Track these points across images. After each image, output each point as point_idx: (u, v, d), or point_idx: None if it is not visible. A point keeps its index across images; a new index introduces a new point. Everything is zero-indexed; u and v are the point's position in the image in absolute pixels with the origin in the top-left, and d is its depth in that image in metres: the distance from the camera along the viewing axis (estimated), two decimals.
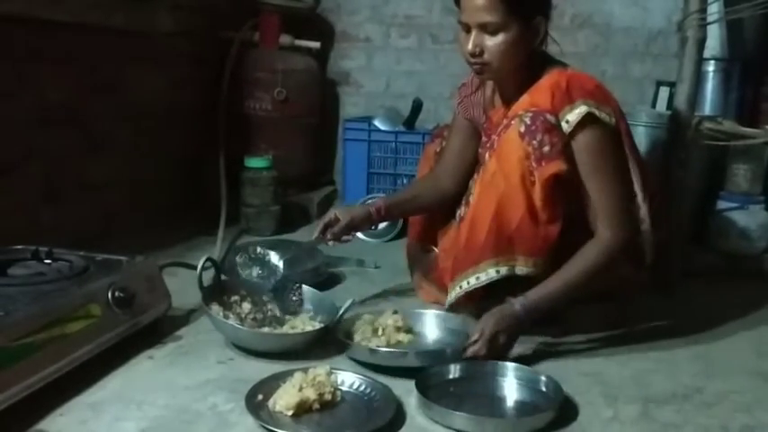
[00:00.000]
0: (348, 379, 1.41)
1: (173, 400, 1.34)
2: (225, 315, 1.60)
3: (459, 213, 1.86)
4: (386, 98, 3.27)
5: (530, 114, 1.57)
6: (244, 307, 1.67)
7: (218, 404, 1.34)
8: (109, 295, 1.47)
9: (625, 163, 1.67)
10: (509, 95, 1.74)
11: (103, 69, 2.28)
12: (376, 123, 2.94)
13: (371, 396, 1.37)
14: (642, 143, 2.36)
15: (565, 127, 1.57)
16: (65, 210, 2.12)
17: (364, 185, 2.92)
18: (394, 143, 2.90)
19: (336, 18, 3.27)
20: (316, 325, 1.63)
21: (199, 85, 2.85)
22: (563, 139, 1.57)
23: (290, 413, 1.28)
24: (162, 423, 1.27)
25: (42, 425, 1.23)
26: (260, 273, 1.72)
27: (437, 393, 1.38)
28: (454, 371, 1.48)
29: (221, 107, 2.85)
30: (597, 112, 1.57)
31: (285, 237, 2.53)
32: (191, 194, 2.81)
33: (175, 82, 2.70)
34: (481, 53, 1.62)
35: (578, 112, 1.56)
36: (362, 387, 1.40)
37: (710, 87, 2.79)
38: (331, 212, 1.87)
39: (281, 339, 1.58)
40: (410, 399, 1.37)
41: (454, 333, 1.67)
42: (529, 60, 1.67)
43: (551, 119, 1.57)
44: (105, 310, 1.45)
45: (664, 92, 2.92)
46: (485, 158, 1.72)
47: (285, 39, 2.96)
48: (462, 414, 1.30)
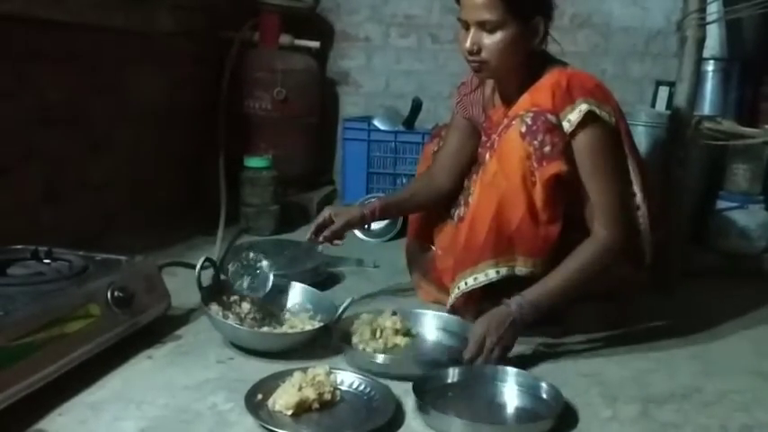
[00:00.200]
0: (347, 378, 1.41)
1: (172, 400, 1.34)
2: (224, 315, 1.60)
3: (457, 213, 1.86)
4: (385, 98, 3.27)
5: (531, 114, 1.57)
6: (243, 306, 1.67)
7: (217, 404, 1.34)
8: (108, 295, 1.47)
9: (624, 163, 1.67)
10: (509, 94, 1.74)
11: (103, 69, 2.27)
12: (375, 123, 2.94)
13: (371, 396, 1.37)
14: (642, 143, 2.36)
15: (566, 126, 1.57)
16: (64, 209, 2.12)
17: (364, 185, 2.91)
18: (393, 143, 2.90)
19: (336, 18, 3.27)
20: (315, 324, 1.63)
21: (199, 85, 2.85)
22: (564, 139, 1.57)
23: (290, 413, 1.28)
24: (161, 423, 1.27)
25: (42, 424, 1.23)
26: (251, 284, 1.69)
27: (435, 398, 1.36)
28: (453, 375, 1.45)
29: (221, 107, 2.86)
30: (598, 111, 1.57)
31: (285, 236, 2.53)
32: (190, 194, 2.80)
33: (175, 82, 2.70)
34: (479, 51, 1.62)
35: (580, 111, 1.56)
36: (362, 387, 1.40)
37: (710, 87, 2.79)
38: (324, 213, 1.85)
39: (281, 339, 1.58)
40: (409, 398, 1.36)
41: (453, 336, 1.67)
42: (529, 60, 1.67)
43: (552, 119, 1.56)
44: (105, 310, 1.45)
45: (663, 91, 2.92)
46: (485, 158, 1.71)
47: (285, 38, 2.96)
48: (460, 420, 1.27)
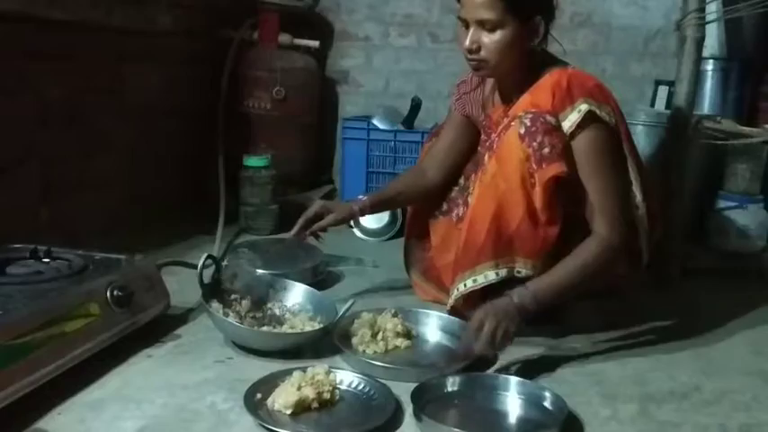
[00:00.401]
0: (347, 378, 1.41)
1: (171, 399, 1.34)
2: (224, 313, 1.61)
3: (457, 213, 1.86)
4: (385, 97, 3.26)
5: (529, 116, 1.57)
6: (243, 305, 1.68)
7: (216, 403, 1.34)
8: (108, 294, 1.47)
9: (624, 163, 1.67)
10: (509, 94, 1.73)
11: (103, 68, 2.27)
12: (375, 122, 2.94)
13: (370, 395, 1.37)
14: (641, 142, 2.36)
15: (567, 126, 1.56)
16: (63, 208, 2.11)
17: (363, 184, 2.91)
18: (393, 142, 2.90)
19: (335, 17, 3.26)
20: (315, 325, 1.63)
21: (198, 84, 2.84)
22: (563, 140, 1.56)
23: (289, 412, 1.28)
24: (161, 422, 1.26)
25: (41, 424, 1.23)
26: (235, 296, 1.70)
27: (435, 408, 1.33)
28: (453, 383, 1.41)
29: (220, 106, 2.85)
30: (598, 111, 1.57)
31: (284, 236, 2.52)
32: (190, 193, 2.80)
33: (174, 81, 2.69)
34: (478, 50, 1.62)
35: (579, 112, 1.56)
36: (361, 386, 1.40)
37: (709, 86, 2.80)
38: (314, 208, 1.83)
39: (281, 338, 1.58)
40: (409, 398, 1.35)
41: (454, 337, 1.67)
42: (529, 59, 1.66)
43: (551, 120, 1.56)
44: (104, 309, 1.45)
45: (663, 91, 2.92)
46: (484, 158, 1.71)
47: (284, 37, 2.95)
48: (455, 430, 1.23)
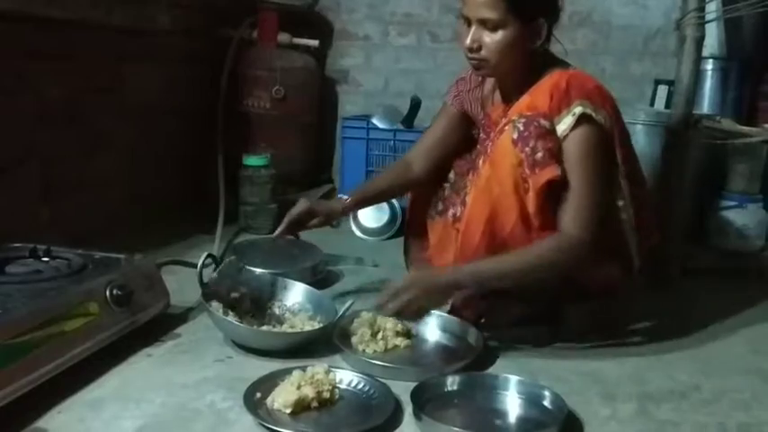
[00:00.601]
0: (346, 377, 1.41)
1: (171, 398, 1.34)
2: (224, 312, 1.60)
3: (453, 213, 1.86)
4: (384, 96, 3.26)
5: (523, 120, 1.55)
6: (243, 304, 1.67)
7: (216, 402, 1.34)
8: (107, 293, 1.47)
9: (610, 168, 1.63)
10: (509, 93, 1.73)
11: (102, 67, 2.27)
12: (374, 121, 2.94)
13: (370, 394, 1.37)
14: (640, 142, 2.36)
15: (561, 129, 1.55)
16: (63, 208, 2.11)
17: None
18: (392, 141, 2.89)
19: (335, 16, 3.26)
20: (315, 324, 1.63)
21: (197, 83, 2.84)
22: (557, 143, 1.54)
23: (289, 411, 1.28)
24: (160, 421, 1.26)
25: (41, 423, 1.23)
26: (235, 296, 1.70)
27: (435, 407, 1.33)
28: (452, 383, 1.42)
29: (220, 105, 2.85)
30: (594, 115, 1.56)
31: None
32: (189, 193, 2.80)
33: (174, 80, 2.69)
34: (479, 49, 1.61)
35: (574, 115, 1.54)
36: (361, 385, 1.40)
37: (709, 86, 2.80)
38: (300, 206, 1.80)
39: (280, 338, 1.58)
40: (409, 397, 1.35)
41: (453, 337, 1.67)
42: (530, 59, 1.66)
43: (545, 124, 1.54)
44: (103, 308, 1.45)
45: (662, 90, 2.92)
46: (479, 162, 1.71)
47: (284, 37, 2.95)
48: (454, 429, 1.24)
